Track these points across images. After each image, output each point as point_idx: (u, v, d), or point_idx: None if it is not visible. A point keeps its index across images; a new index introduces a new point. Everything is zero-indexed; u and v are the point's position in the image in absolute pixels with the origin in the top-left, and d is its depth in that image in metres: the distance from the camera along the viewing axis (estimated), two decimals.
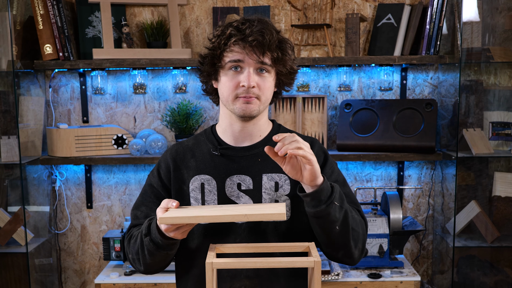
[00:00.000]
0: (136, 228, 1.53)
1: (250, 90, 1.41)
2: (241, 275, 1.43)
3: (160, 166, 1.55)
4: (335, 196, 1.34)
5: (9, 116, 2.61)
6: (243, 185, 1.47)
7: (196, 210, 1.31)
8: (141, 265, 1.47)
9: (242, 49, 1.40)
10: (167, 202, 1.34)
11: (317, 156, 1.50)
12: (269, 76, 1.44)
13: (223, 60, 1.43)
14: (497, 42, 2.64)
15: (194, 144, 1.55)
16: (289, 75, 1.49)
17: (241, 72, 1.42)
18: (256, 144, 1.51)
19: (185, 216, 1.22)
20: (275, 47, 1.40)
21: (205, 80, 1.52)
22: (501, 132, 2.64)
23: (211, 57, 1.44)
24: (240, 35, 1.39)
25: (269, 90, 1.45)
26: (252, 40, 1.37)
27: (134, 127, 2.87)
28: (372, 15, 2.76)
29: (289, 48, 1.46)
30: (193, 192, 1.49)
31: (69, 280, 2.98)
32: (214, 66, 1.45)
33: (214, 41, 1.44)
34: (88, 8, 2.68)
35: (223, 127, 1.52)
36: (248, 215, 1.19)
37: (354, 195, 1.56)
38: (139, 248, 1.43)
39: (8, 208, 2.73)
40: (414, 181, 2.87)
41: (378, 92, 2.82)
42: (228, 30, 1.41)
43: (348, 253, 1.43)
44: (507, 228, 2.68)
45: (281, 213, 1.19)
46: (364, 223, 1.50)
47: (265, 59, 1.40)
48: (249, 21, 1.41)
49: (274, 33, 1.41)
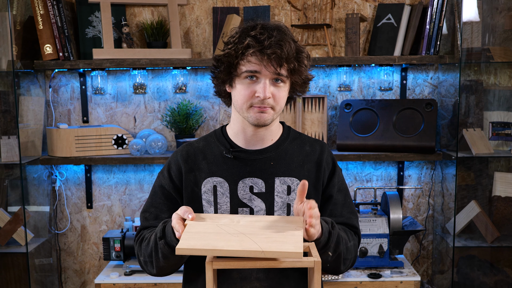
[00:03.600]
0: (147, 230, 1.51)
1: (265, 101, 1.40)
2: (251, 277, 1.43)
3: (170, 167, 1.53)
4: (330, 246, 1.36)
5: (9, 116, 2.61)
6: (255, 188, 1.47)
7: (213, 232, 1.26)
8: (154, 268, 1.45)
9: (259, 61, 1.38)
10: (184, 212, 1.32)
11: (326, 163, 1.53)
12: (284, 86, 1.44)
13: (239, 69, 1.42)
14: (497, 42, 2.64)
15: (204, 145, 1.54)
16: (303, 84, 1.49)
17: (257, 82, 1.41)
18: (268, 148, 1.51)
19: (203, 249, 1.19)
20: (292, 59, 1.39)
21: (218, 84, 1.51)
22: (501, 132, 2.64)
23: (227, 64, 1.43)
24: (259, 46, 1.37)
25: (283, 99, 1.45)
26: (270, 53, 1.36)
27: (134, 127, 2.87)
28: (372, 15, 2.76)
29: (305, 58, 1.44)
30: (206, 194, 1.48)
31: (69, 280, 2.98)
32: (229, 74, 1.44)
33: (230, 48, 1.42)
34: (88, 8, 2.68)
35: (235, 131, 1.52)
36: (265, 252, 1.17)
37: (353, 204, 1.58)
38: (153, 251, 1.42)
39: (8, 208, 2.73)
40: (414, 181, 2.87)
41: (378, 92, 2.82)
42: (246, 40, 1.39)
43: (334, 272, 1.49)
44: (507, 228, 2.68)
45: (298, 252, 1.17)
46: (358, 240, 1.54)
47: (282, 71, 1.40)
48: (267, 30, 1.39)
49: (292, 44, 1.40)
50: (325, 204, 1.52)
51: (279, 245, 1.19)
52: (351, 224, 1.52)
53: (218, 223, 1.31)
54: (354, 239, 1.51)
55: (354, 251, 1.49)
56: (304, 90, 1.52)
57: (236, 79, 1.44)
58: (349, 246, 1.45)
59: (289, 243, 1.20)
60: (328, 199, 1.52)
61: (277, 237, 1.23)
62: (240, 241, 1.21)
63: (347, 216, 1.52)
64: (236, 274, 1.43)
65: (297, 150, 1.53)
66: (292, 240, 1.22)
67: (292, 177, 1.48)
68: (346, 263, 1.47)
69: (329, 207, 1.52)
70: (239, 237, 1.23)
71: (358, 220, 1.55)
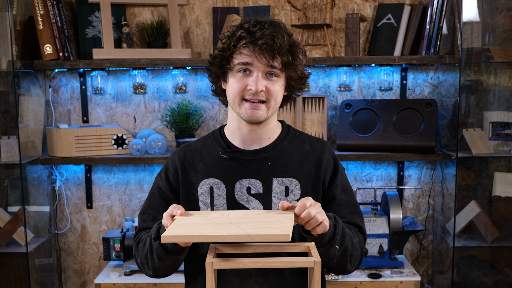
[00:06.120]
0: (144, 231, 1.50)
1: (257, 94, 1.38)
2: (250, 280, 1.42)
3: (168, 168, 1.52)
4: (336, 239, 1.34)
5: (9, 116, 2.61)
6: (252, 189, 1.45)
7: (201, 223, 1.25)
8: (150, 269, 1.45)
9: (251, 52, 1.37)
10: (173, 208, 1.31)
11: (327, 163, 1.50)
12: (278, 80, 1.41)
13: (232, 62, 1.40)
14: (497, 42, 2.64)
15: (202, 146, 1.52)
16: (299, 80, 1.46)
17: (250, 75, 1.39)
18: (266, 148, 1.48)
19: (188, 235, 1.17)
20: (285, 51, 1.37)
21: (213, 80, 1.49)
22: (501, 132, 2.64)
23: (220, 58, 1.42)
24: (250, 37, 1.36)
25: (278, 94, 1.42)
26: (262, 43, 1.34)
27: (134, 127, 2.87)
28: (372, 15, 2.76)
29: (300, 52, 1.42)
30: (202, 196, 1.46)
31: (69, 280, 2.98)
32: (222, 67, 1.43)
33: (224, 42, 1.41)
34: (88, 8, 2.68)
35: (232, 130, 1.50)
36: (252, 236, 1.14)
37: (358, 204, 1.54)
38: (148, 252, 1.41)
39: (8, 208, 2.73)
40: (414, 181, 2.87)
41: (378, 92, 2.82)
42: (238, 32, 1.38)
43: (342, 271, 1.47)
44: (507, 228, 2.68)
45: (285, 234, 1.14)
46: (364, 238, 1.51)
47: (275, 63, 1.38)
48: (260, 23, 1.38)
49: (286, 37, 1.38)
50: (328, 205, 1.49)
51: (266, 230, 1.17)
52: (355, 224, 1.50)
53: (208, 217, 1.30)
54: (359, 236, 1.48)
55: (359, 248, 1.46)
56: (301, 88, 1.49)
57: (229, 73, 1.42)
58: (354, 242, 1.43)
59: (276, 228, 1.18)
60: (331, 200, 1.49)
61: (265, 224, 1.22)
62: (227, 228, 1.19)
63: (350, 216, 1.49)
64: (234, 277, 1.42)
65: (296, 149, 1.50)
66: (280, 226, 1.19)
67: (291, 178, 1.45)
68: (353, 261, 1.44)
69: (333, 209, 1.49)
70: (226, 225, 1.21)
71: (363, 220, 1.52)
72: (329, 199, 1.50)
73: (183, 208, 1.32)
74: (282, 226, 1.19)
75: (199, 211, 1.39)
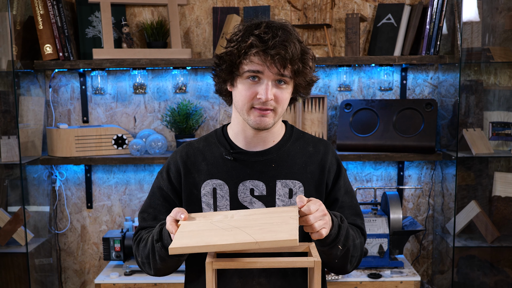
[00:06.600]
0: (145, 230, 1.50)
1: (267, 103, 1.36)
2: (253, 282, 1.41)
3: (169, 168, 1.50)
4: (340, 239, 1.34)
5: (9, 116, 2.61)
6: (256, 191, 1.44)
7: (206, 229, 1.24)
8: (151, 269, 1.44)
9: (262, 61, 1.33)
10: (176, 212, 1.30)
11: (331, 165, 1.49)
12: (287, 87, 1.39)
13: (241, 68, 1.37)
14: (497, 42, 2.64)
15: (204, 146, 1.51)
16: (307, 86, 1.45)
17: (259, 83, 1.36)
18: (270, 149, 1.47)
19: (196, 245, 1.16)
20: (297, 60, 1.35)
21: (219, 83, 1.46)
22: (501, 132, 2.64)
23: (229, 63, 1.38)
24: (262, 46, 1.32)
25: (286, 101, 1.41)
26: (274, 53, 1.31)
27: (134, 127, 2.87)
28: (372, 15, 2.76)
29: (310, 60, 1.40)
30: (205, 197, 1.45)
31: (69, 280, 2.98)
32: (231, 73, 1.40)
33: (233, 46, 1.37)
34: (88, 8, 2.68)
35: (235, 131, 1.48)
36: (260, 242, 1.13)
37: (359, 206, 1.54)
38: (150, 253, 1.40)
39: (8, 208, 2.73)
40: (414, 181, 2.87)
41: (378, 92, 2.82)
42: (249, 39, 1.34)
43: (342, 271, 1.47)
44: (507, 228, 2.68)
45: (293, 239, 1.13)
46: (364, 238, 1.51)
47: (285, 72, 1.35)
48: (272, 29, 1.34)
49: (297, 45, 1.35)
50: (330, 207, 1.49)
51: (274, 234, 1.16)
52: (357, 225, 1.50)
53: (212, 220, 1.29)
54: (360, 237, 1.48)
55: (360, 249, 1.47)
56: (307, 92, 1.47)
57: (237, 78, 1.39)
58: (356, 243, 1.43)
59: (283, 232, 1.17)
60: (333, 202, 1.49)
61: (272, 227, 1.21)
62: (234, 235, 1.18)
63: (352, 218, 1.49)
64: (237, 278, 1.41)
65: (300, 151, 1.49)
66: (286, 229, 1.18)
67: (294, 180, 1.45)
68: (353, 261, 1.44)
69: (336, 210, 1.48)
70: (233, 231, 1.20)
71: (363, 221, 1.52)
72: (332, 200, 1.49)
73: (186, 211, 1.31)
74: (288, 228, 1.18)
75: (203, 213, 1.38)
